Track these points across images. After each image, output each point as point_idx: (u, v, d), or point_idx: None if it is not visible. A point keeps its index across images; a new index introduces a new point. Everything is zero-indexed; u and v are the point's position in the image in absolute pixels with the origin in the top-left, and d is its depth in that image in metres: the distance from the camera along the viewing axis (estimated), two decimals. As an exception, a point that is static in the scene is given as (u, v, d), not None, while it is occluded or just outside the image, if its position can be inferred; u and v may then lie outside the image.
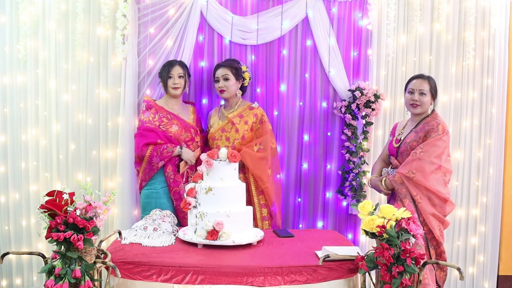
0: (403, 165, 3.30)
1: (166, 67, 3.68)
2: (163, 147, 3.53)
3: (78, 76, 3.88)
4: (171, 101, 3.72)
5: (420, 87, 3.39)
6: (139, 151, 3.57)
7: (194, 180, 3.08)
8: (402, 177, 3.26)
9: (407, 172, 3.24)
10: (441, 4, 3.97)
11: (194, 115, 3.80)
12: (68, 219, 2.27)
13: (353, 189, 3.99)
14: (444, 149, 3.29)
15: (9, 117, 3.95)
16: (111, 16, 3.77)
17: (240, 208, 2.99)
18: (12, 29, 3.88)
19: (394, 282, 2.35)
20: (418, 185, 3.22)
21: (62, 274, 2.24)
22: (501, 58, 4.12)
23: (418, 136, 3.35)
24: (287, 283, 2.51)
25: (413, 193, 3.23)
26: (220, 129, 3.74)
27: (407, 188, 3.25)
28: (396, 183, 3.29)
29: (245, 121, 3.74)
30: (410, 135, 3.41)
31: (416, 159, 3.24)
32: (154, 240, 2.90)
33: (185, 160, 3.59)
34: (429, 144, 3.25)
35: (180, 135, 3.61)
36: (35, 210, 3.12)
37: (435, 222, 3.23)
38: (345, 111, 3.96)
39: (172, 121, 3.63)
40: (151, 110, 3.65)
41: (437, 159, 3.24)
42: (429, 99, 3.40)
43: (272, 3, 3.99)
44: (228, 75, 3.70)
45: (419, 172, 3.21)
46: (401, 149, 3.42)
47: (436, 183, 3.23)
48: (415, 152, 3.26)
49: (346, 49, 4.04)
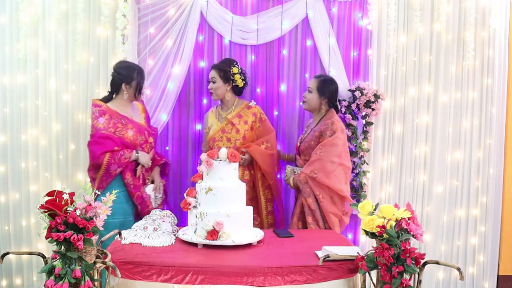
0: (307, 165, 3.48)
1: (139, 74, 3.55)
2: (120, 153, 3.42)
3: (78, 76, 3.89)
4: (124, 103, 3.57)
5: (309, 84, 3.68)
6: (96, 159, 3.42)
7: (194, 180, 3.08)
8: (306, 177, 3.45)
9: (310, 172, 3.43)
10: (441, 4, 3.97)
11: (144, 114, 3.71)
12: (68, 219, 2.27)
13: (353, 189, 3.99)
14: (342, 147, 3.47)
15: (9, 117, 3.95)
16: (111, 16, 3.77)
17: (240, 208, 2.98)
18: (12, 29, 3.88)
19: (394, 282, 2.35)
20: (321, 184, 3.42)
21: (62, 274, 2.24)
22: (501, 58, 4.12)
23: (314, 135, 3.55)
24: (287, 283, 2.51)
25: (316, 192, 3.44)
26: (220, 130, 3.75)
27: (311, 188, 3.43)
28: (300, 182, 3.47)
29: (244, 121, 3.74)
30: (310, 134, 3.61)
31: (317, 159, 3.43)
32: (154, 240, 2.90)
33: (142, 163, 3.52)
34: (327, 144, 3.44)
35: (135, 139, 3.51)
36: (35, 210, 3.11)
37: (335, 219, 3.47)
38: (345, 111, 3.96)
39: (127, 126, 3.51)
40: (105, 116, 3.48)
41: (337, 157, 3.44)
42: (316, 97, 3.63)
43: (272, 3, 3.99)
44: (215, 78, 3.72)
45: (321, 172, 3.40)
46: (302, 148, 3.60)
47: (338, 182, 3.43)
48: (316, 152, 3.43)
49: (346, 49, 4.04)
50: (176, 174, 4.09)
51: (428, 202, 4.13)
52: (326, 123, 3.53)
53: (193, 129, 4.08)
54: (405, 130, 4.08)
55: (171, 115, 3.98)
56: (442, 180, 4.12)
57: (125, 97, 3.55)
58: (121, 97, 3.56)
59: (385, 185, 4.10)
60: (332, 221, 3.46)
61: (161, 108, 3.90)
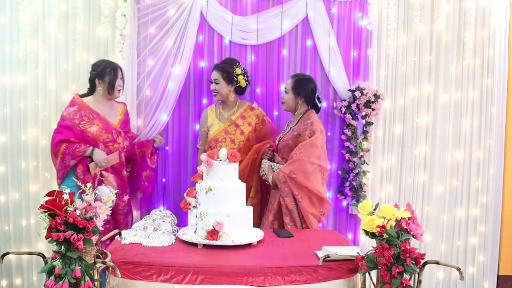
0: (286, 164, 3.47)
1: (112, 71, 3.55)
2: (76, 146, 3.42)
3: (78, 76, 3.88)
4: (101, 100, 3.60)
5: (286, 85, 3.67)
6: (53, 147, 3.47)
7: (194, 180, 3.08)
8: (286, 176, 3.43)
9: (290, 172, 3.41)
10: (441, 4, 3.97)
11: (122, 116, 3.69)
12: (68, 219, 2.27)
13: (353, 189, 3.99)
14: (321, 148, 3.49)
15: (9, 117, 3.95)
16: (111, 16, 3.76)
17: (240, 208, 2.98)
18: (12, 29, 3.88)
19: (394, 282, 2.35)
20: (300, 185, 3.41)
21: (62, 274, 2.24)
22: (501, 58, 4.12)
23: (293, 134, 3.54)
24: (287, 283, 2.51)
25: (295, 193, 3.43)
26: (223, 131, 3.73)
27: (290, 187, 3.43)
28: (279, 181, 3.46)
29: (248, 122, 3.75)
30: (289, 133, 3.60)
31: (297, 160, 3.41)
32: (154, 240, 2.90)
33: (96, 161, 3.45)
34: (307, 144, 3.42)
35: (99, 135, 3.50)
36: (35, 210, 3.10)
37: (314, 220, 3.46)
38: (345, 111, 3.96)
39: (93, 121, 3.51)
40: (74, 107, 3.52)
41: (316, 159, 3.42)
42: (292, 97, 3.61)
43: (272, 3, 3.99)
44: (218, 79, 3.72)
45: (300, 173, 3.39)
46: (280, 146, 3.60)
47: (316, 183, 3.43)
48: (296, 152, 3.43)
49: (346, 49, 4.04)
50: (176, 174, 4.09)
51: (428, 202, 4.13)
52: (305, 123, 3.52)
53: (193, 129, 4.08)
54: (405, 130, 4.09)
55: (171, 115, 3.98)
56: (442, 180, 4.12)
57: (101, 93, 3.58)
58: (97, 93, 3.60)
59: (385, 185, 4.10)
60: (311, 222, 3.45)
61: (161, 108, 3.90)
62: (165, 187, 4.07)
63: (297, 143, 3.50)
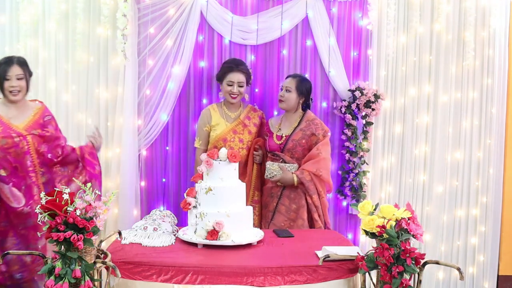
0: (311, 163, 3.54)
1: (2, 66, 3.16)
2: None
3: (78, 76, 3.88)
4: (6, 102, 3.23)
5: (287, 84, 3.67)
6: None
7: (194, 180, 3.08)
8: (311, 174, 3.53)
9: (316, 170, 3.53)
10: (441, 4, 3.97)
11: (36, 117, 3.29)
12: (68, 219, 2.27)
13: (353, 189, 3.99)
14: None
15: (9, 117, 3.94)
16: (111, 16, 3.76)
17: (240, 208, 2.98)
18: (12, 29, 3.88)
19: (394, 282, 2.35)
20: (322, 181, 3.58)
21: (62, 274, 2.24)
22: (501, 58, 4.13)
23: (305, 134, 3.61)
24: (287, 283, 2.51)
25: (319, 189, 3.57)
26: (231, 131, 3.72)
27: (315, 185, 3.55)
28: (305, 180, 3.53)
29: (253, 123, 3.78)
30: (297, 132, 3.63)
31: (323, 159, 3.55)
32: (154, 240, 2.90)
33: None
34: (325, 143, 3.60)
35: None
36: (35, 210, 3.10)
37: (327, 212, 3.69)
38: (345, 111, 3.96)
39: None
40: None
41: (329, 156, 3.65)
42: (295, 96, 3.64)
43: (272, 3, 3.99)
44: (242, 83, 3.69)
45: (325, 170, 3.56)
46: (289, 146, 3.63)
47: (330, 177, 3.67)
48: (318, 151, 3.55)
49: (346, 49, 4.04)
50: (176, 174, 4.09)
51: (428, 202, 4.13)
52: (315, 123, 3.63)
53: (193, 129, 4.08)
54: (405, 130, 4.09)
55: (171, 115, 3.97)
56: (442, 180, 4.12)
57: None
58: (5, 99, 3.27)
59: (385, 185, 4.10)
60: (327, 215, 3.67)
61: (161, 108, 3.89)
62: (165, 187, 4.07)
63: (309, 142, 3.59)
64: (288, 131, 3.67)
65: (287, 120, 3.71)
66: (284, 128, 3.70)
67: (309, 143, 3.59)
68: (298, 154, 3.60)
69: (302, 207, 3.57)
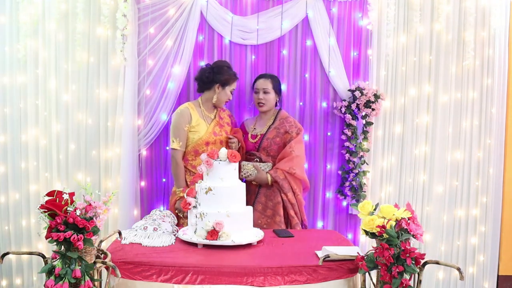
0: (284, 162, 3.59)
1: None
2: None
3: (78, 76, 3.89)
4: None
5: (263, 86, 3.68)
6: None
7: (194, 180, 3.08)
8: (284, 173, 3.57)
9: (289, 169, 3.57)
10: (441, 4, 3.97)
11: None
12: (68, 219, 2.27)
13: (353, 189, 3.99)
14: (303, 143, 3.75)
15: (9, 117, 3.95)
16: (111, 16, 3.77)
17: (240, 208, 2.99)
18: (12, 29, 3.88)
19: (394, 282, 2.35)
20: (297, 179, 3.61)
21: (62, 274, 2.24)
22: (501, 58, 4.12)
23: (279, 132, 3.66)
24: (287, 283, 2.51)
25: (294, 187, 3.60)
26: (212, 133, 3.64)
27: (289, 183, 3.58)
28: (279, 178, 3.57)
29: (226, 122, 3.78)
30: (271, 131, 3.69)
31: (296, 156, 3.59)
32: (154, 240, 2.90)
33: None
34: (298, 141, 3.64)
35: None
36: (35, 210, 3.11)
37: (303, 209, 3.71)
38: (345, 111, 3.96)
39: None
40: None
41: (303, 153, 3.68)
42: (273, 96, 3.71)
43: (272, 3, 3.99)
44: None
45: (298, 168, 3.60)
46: (264, 144, 3.67)
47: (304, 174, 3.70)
48: (290, 149, 3.59)
49: (346, 49, 4.04)
50: (176, 174, 4.09)
51: (428, 202, 4.13)
52: (288, 121, 3.70)
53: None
54: (405, 130, 4.09)
55: (171, 115, 3.97)
56: (442, 180, 4.12)
57: None
58: None
59: (385, 185, 4.10)
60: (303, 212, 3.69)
61: (161, 108, 3.89)
62: (165, 187, 4.07)
63: (283, 140, 3.64)
64: (262, 129, 3.71)
65: (261, 119, 3.77)
66: (259, 127, 3.75)
67: (283, 141, 3.65)
68: (274, 152, 3.66)
69: (278, 204, 3.61)
